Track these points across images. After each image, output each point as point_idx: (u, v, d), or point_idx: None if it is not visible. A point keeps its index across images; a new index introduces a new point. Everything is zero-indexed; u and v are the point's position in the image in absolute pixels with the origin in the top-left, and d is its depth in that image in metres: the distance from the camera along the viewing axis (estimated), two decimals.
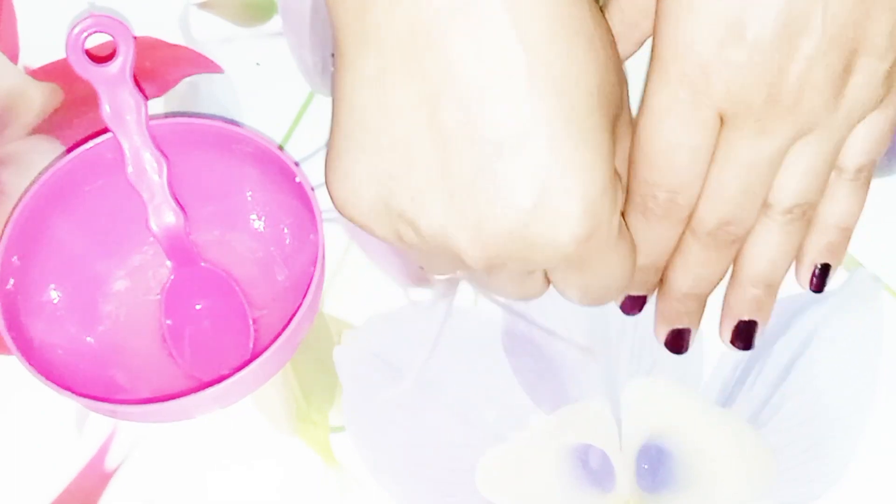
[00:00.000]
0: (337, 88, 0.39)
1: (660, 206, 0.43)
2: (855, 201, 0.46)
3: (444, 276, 0.45)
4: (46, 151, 0.51)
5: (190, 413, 0.46)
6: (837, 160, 0.44)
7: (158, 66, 0.53)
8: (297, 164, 0.46)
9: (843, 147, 0.44)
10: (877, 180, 0.50)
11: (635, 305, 0.47)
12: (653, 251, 0.45)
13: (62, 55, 0.47)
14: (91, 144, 0.46)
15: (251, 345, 0.47)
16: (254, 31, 0.54)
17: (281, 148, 0.50)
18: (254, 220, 0.49)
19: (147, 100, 0.46)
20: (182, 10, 0.54)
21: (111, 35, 0.45)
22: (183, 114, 0.52)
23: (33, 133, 0.52)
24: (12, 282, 0.45)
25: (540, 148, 0.36)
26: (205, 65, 0.53)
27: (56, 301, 0.47)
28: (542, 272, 0.42)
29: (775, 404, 0.47)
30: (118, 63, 0.45)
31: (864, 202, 0.46)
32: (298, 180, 0.45)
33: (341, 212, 0.40)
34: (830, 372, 0.47)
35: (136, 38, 0.46)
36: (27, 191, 0.45)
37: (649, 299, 0.47)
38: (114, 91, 0.45)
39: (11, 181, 0.51)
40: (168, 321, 0.48)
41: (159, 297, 0.48)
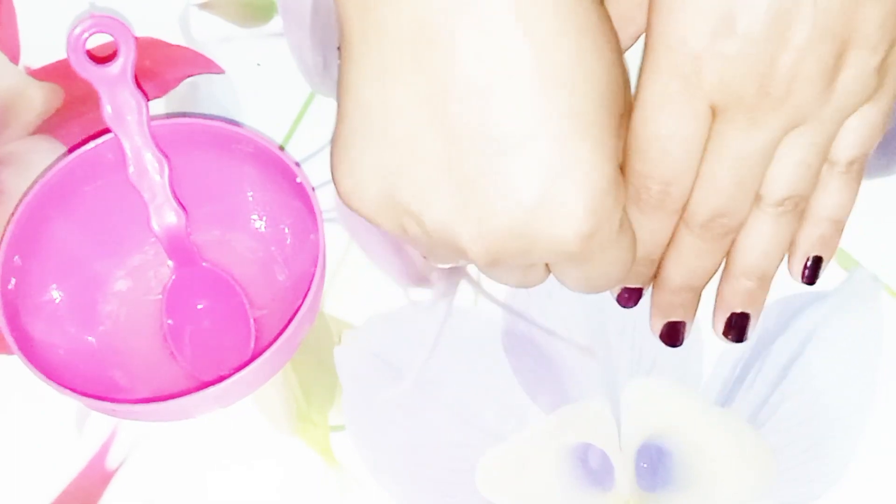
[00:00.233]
0: (343, 82, 0.39)
1: (653, 198, 0.44)
2: (847, 194, 0.46)
3: (448, 266, 0.44)
4: (47, 151, 0.51)
5: (190, 413, 0.46)
6: (829, 153, 0.44)
7: (159, 67, 0.53)
8: (298, 165, 0.46)
9: (836, 140, 0.44)
10: (877, 180, 0.50)
11: (632, 298, 0.47)
12: (647, 243, 0.45)
13: (63, 55, 0.47)
14: (92, 145, 0.46)
15: (251, 345, 0.47)
16: (254, 32, 0.54)
17: (281, 148, 0.50)
18: (254, 220, 0.49)
19: (148, 100, 0.46)
20: (182, 10, 0.54)
21: (112, 35, 0.45)
22: (183, 114, 0.52)
23: (34, 133, 0.52)
24: (13, 282, 0.45)
25: (546, 145, 0.36)
26: (205, 65, 0.53)
27: (57, 301, 0.47)
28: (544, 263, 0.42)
29: (775, 404, 0.47)
30: (119, 63, 0.45)
31: (857, 195, 0.46)
32: (299, 180, 0.45)
33: (347, 203, 0.40)
34: (830, 372, 0.47)
35: (137, 39, 0.46)
36: (28, 191, 0.46)
37: (645, 293, 0.48)
38: (115, 91, 0.45)
39: (12, 181, 0.51)
40: (169, 321, 0.48)
41: (160, 297, 0.48)
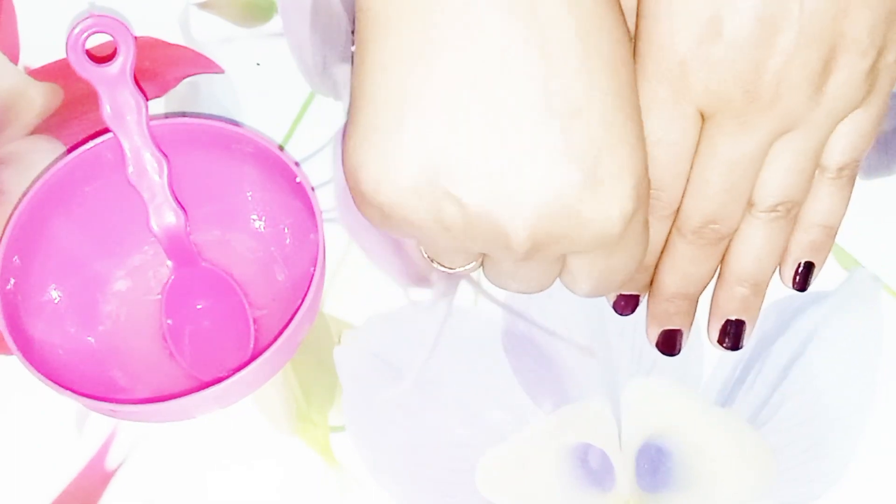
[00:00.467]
0: (364, 65, 0.38)
1: None
2: (838, 200, 0.46)
3: (450, 270, 0.44)
4: (46, 151, 0.51)
5: (190, 413, 0.46)
6: (821, 158, 0.44)
7: (158, 66, 0.53)
8: (298, 164, 0.46)
9: (827, 145, 0.44)
10: (877, 180, 0.50)
11: (628, 305, 0.47)
12: None
13: (62, 55, 0.47)
14: (91, 144, 0.46)
15: (251, 345, 0.47)
16: (254, 31, 0.54)
17: (281, 148, 0.50)
18: (254, 220, 0.49)
19: (147, 100, 0.46)
20: (182, 10, 0.54)
21: (111, 35, 0.45)
22: (183, 114, 0.52)
23: (33, 133, 0.52)
24: (13, 282, 0.45)
25: (595, 120, 0.36)
26: (205, 65, 0.53)
27: (56, 301, 0.47)
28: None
29: (775, 404, 0.47)
30: (118, 63, 0.45)
31: (849, 200, 0.46)
32: (299, 180, 0.45)
33: (371, 196, 0.38)
34: (830, 372, 0.47)
35: (137, 38, 0.46)
36: (27, 191, 0.46)
37: (642, 300, 0.47)
38: (114, 91, 0.45)
39: (11, 181, 0.51)
40: (168, 321, 0.48)
41: (160, 297, 0.48)
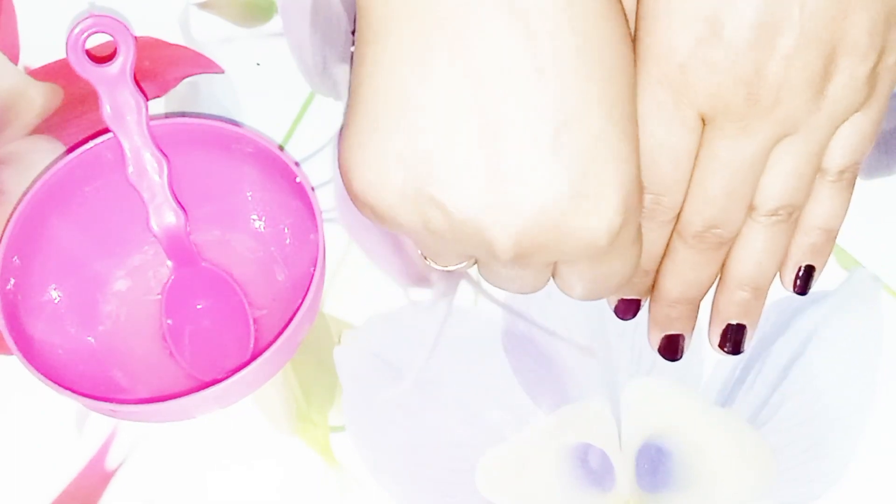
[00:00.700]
0: (363, 67, 0.38)
1: (645, 209, 0.43)
2: (839, 203, 0.46)
3: (450, 269, 0.44)
4: (46, 151, 0.51)
5: (190, 413, 0.46)
6: (821, 161, 0.44)
7: (158, 66, 0.53)
8: (298, 164, 0.46)
9: (827, 148, 0.43)
10: (877, 180, 0.50)
11: (629, 309, 0.47)
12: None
13: (62, 55, 0.47)
14: (91, 144, 0.46)
15: (251, 345, 0.47)
16: (254, 31, 0.54)
17: (281, 148, 0.50)
18: (254, 220, 0.49)
19: (147, 100, 0.46)
20: (182, 10, 0.54)
21: (111, 35, 0.45)
22: (183, 114, 0.52)
23: (33, 133, 0.52)
24: (13, 282, 0.45)
25: (585, 133, 0.36)
26: (205, 65, 0.53)
27: (56, 301, 0.47)
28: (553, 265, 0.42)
29: (775, 404, 0.47)
30: (118, 63, 0.45)
31: (849, 203, 0.46)
32: (299, 180, 0.45)
33: (363, 196, 0.38)
34: (830, 372, 0.47)
35: (137, 38, 0.46)
36: (27, 191, 0.45)
37: (643, 305, 0.47)
38: (114, 91, 0.45)
39: (11, 181, 0.51)
40: (168, 321, 0.48)
41: (160, 297, 0.48)
